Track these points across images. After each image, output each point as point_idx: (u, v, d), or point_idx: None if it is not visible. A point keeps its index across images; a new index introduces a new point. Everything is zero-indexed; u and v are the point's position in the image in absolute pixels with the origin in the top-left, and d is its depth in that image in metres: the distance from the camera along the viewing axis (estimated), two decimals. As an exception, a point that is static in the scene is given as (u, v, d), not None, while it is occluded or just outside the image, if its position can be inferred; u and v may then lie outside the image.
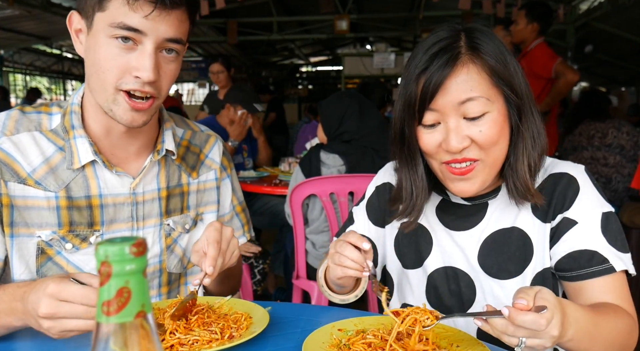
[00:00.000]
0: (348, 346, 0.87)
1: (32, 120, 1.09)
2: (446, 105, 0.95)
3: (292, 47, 12.36)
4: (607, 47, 8.01)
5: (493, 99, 0.96)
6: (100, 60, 0.99)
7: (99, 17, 0.98)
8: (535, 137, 1.01)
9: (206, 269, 0.97)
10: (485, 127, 0.95)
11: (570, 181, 1.02)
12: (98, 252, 0.37)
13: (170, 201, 1.20)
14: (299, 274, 2.49)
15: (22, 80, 12.55)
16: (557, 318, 0.74)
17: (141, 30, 0.97)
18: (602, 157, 3.56)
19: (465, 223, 1.08)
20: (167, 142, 1.18)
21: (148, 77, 0.98)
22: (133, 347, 0.38)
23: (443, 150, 0.98)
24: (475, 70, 0.96)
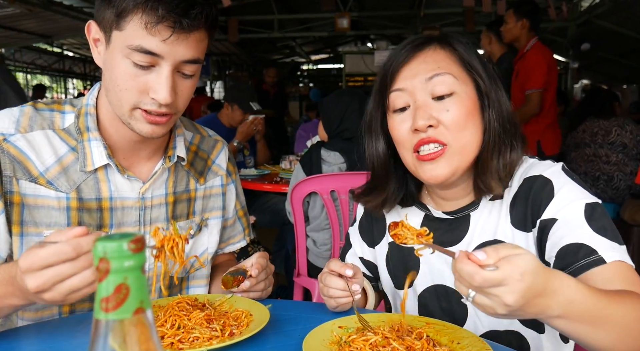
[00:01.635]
0: (348, 343, 0.87)
1: (46, 118, 1.08)
2: (413, 84, 0.97)
3: (293, 45, 12.34)
4: (609, 44, 7.98)
5: (462, 80, 0.97)
6: (117, 79, 0.99)
7: (117, 35, 0.97)
8: (508, 124, 0.99)
9: (252, 271, 1.08)
10: (453, 107, 0.95)
11: (543, 183, 0.96)
12: (96, 248, 0.37)
13: (176, 206, 1.20)
14: (300, 272, 2.49)
15: (24, 78, 12.56)
16: (514, 286, 0.67)
17: (159, 54, 0.96)
18: (605, 155, 3.56)
19: (450, 238, 1.06)
20: (179, 148, 1.18)
21: (165, 100, 0.98)
22: (132, 344, 0.38)
23: (412, 134, 0.97)
24: (444, 53, 0.99)
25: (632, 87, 10.99)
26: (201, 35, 1.00)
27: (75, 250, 0.76)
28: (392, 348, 0.83)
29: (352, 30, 8.26)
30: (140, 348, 0.39)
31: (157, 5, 0.93)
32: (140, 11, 0.94)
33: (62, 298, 0.79)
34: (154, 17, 0.94)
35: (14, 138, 1.04)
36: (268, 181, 3.18)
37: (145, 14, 0.94)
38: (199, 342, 0.88)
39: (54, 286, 0.78)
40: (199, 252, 1.26)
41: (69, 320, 1.04)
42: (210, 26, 1.02)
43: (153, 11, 0.94)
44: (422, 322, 0.96)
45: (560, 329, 0.77)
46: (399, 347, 0.82)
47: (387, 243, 1.15)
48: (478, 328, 1.03)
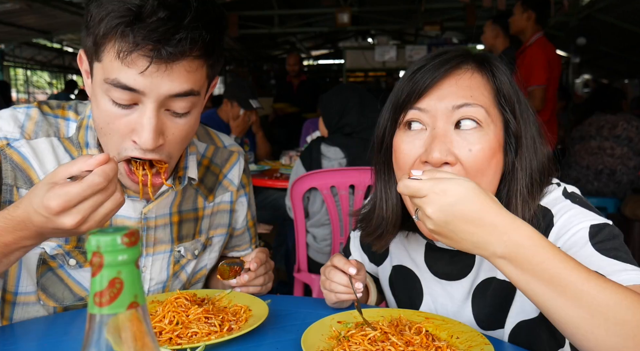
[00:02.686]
0: (347, 338, 0.87)
1: (52, 124, 1.03)
2: (437, 108, 0.83)
3: (293, 40, 12.30)
4: (611, 39, 7.95)
5: (492, 118, 0.84)
6: (99, 120, 0.90)
7: (97, 68, 0.87)
8: (535, 182, 0.87)
9: (251, 265, 1.05)
10: (476, 147, 0.82)
11: (542, 213, 0.87)
12: (90, 242, 0.37)
13: (182, 226, 1.13)
14: (300, 267, 2.49)
15: (23, 74, 12.54)
16: (432, 198, 0.69)
17: (137, 90, 0.83)
18: (609, 147, 3.55)
19: (454, 272, 0.98)
20: (191, 168, 1.08)
21: (146, 144, 0.86)
22: (126, 338, 0.38)
23: (419, 164, 0.84)
24: (481, 80, 0.85)
25: (634, 81, 10.96)
26: (192, 64, 0.85)
27: (106, 180, 0.75)
28: (391, 343, 0.82)
29: (352, 25, 8.22)
30: (135, 342, 0.38)
31: (129, 30, 0.79)
32: (112, 37, 0.81)
33: (98, 225, 0.78)
34: (126, 44, 0.80)
35: (18, 143, 0.99)
36: (268, 177, 3.17)
37: (117, 41, 0.81)
38: (198, 337, 0.88)
39: (90, 216, 0.77)
40: (197, 268, 1.21)
41: (63, 317, 1.04)
42: (206, 52, 0.86)
43: (125, 37, 0.80)
44: (421, 317, 0.95)
45: (510, 276, 0.70)
46: (398, 342, 0.82)
47: (391, 265, 1.10)
48: None
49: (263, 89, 10.82)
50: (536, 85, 3.40)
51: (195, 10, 0.82)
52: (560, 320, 0.69)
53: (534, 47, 3.49)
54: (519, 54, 3.64)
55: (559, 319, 0.69)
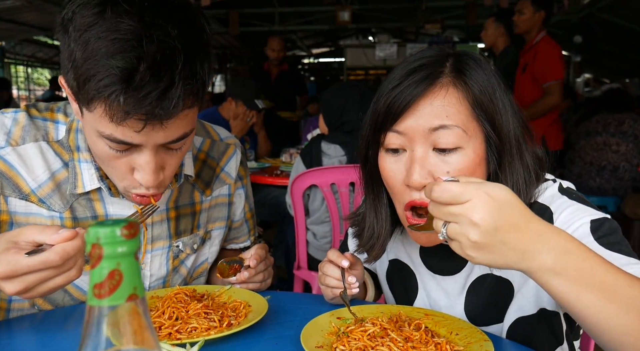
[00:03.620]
0: (347, 334, 0.87)
1: (40, 128, 1.00)
2: (415, 130, 0.83)
3: (294, 38, 12.28)
4: (612, 38, 7.94)
5: (470, 134, 0.83)
6: (98, 155, 0.90)
7: (87, 114, 0.84)
8: (521, 187, 0.86)
9: (250, 261, 1.04)
10: (454, 168, 0.82)
11: (540, 210, 0.87)
12: (89, 233, 0.37)
13: (180, 221, 1.13)
14: (300, 265, 2.49)
15: (24, 71, 12.53)
16: (480, 201, 0.62)
17: (134, 143, 0.84)
18: (615, 143, 3.55)
19: (449, 267, 0.99)
20: (187, 165, 1.08)
21: (147, 184, 0.88)
22: (125, 330, 0.38)
23: (404, 187, 0.85)
24: (456, 96, 0.83)
25: (635, 80, 10.94)
26: (185, 112, 0.84)
27: (63, 258, 0.74)
28: (391, 338, 0.82)
29: (353, 23, 8.21)
30: (134, 334, 0.38)
31: (120, 98, 0.76)
32: (102, 102, 0.78)
33: (42, 295, 0.78)
34: (118, 111, 0.78)
35: (4, 151, 0.96)
36: (268, 174, 3.17)
37: (108, 107, 0.78)
38: (197, 332, 0.88)
39: (35, 287, 0.76)
40: (198, 263, 1.21)
41: (61, 311, 1.04)
42: (197, 97, 0.85)
43: (116, 105, 0.77)
44: (420, 313, 0.95)
45: (560, 291, 0.64)
46: (397, 338, 0.82)
47: (388, 260, 1.10)
48: None
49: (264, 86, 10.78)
50: (554, 80, 3.37)
51: (184, 56, 0.79)
52: (612, 330, 0.64)
53: (543, 44, 3.47)
54: (524, 53, 3.63)
55: (610, 329, 0.64)
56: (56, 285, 0.77)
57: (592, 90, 11.36)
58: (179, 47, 0.78)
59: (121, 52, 0.76)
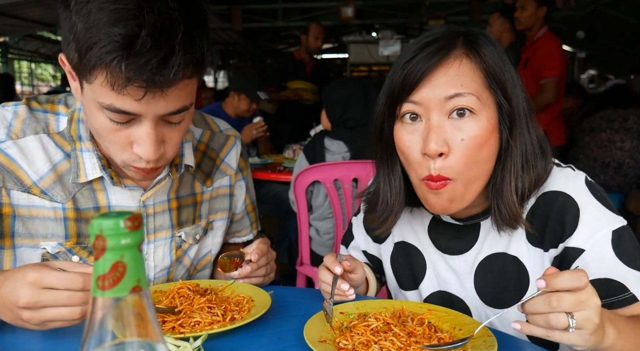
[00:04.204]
0: (350, 329, 0.87)
1: (40, 121, 1.01)
2: (431, 99, 0.85)
3: (297, 34, 12.27)
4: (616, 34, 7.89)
5: (484, 102, 0.86)
6: (97, 131, 0.90)
7: (87, 86, 0.85)
8: (530, 157, 0.90)
9: (252, 256, 1.04)
10: (469, 135, 0.85)
11: (566, 202, 0.89)
12: (92, 225, 0.37)
13: (181, 212, 1.14)
14: (303, 261, 2.49)
15: (28, 67, 12.55)
16: (592, 292, 0.69)
17: (134, 113, 0.84)
18: (619, 140, 3.53)
19: (458, 246, 1.01)
20: (187, 155, 1.09)
21: (148, 157, 0.89)
22: (129, 322, 0.38)
23: (421, 156, 0.87)
24: (469, 66, 0.86)
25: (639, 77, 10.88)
26: (185, 82, 0.86)
27: (84, 285, 0.77)
28: (394, 333, 0.82)
29: (356, 19, 8.18)
30: (138, 326, 0.38)
31: (121, 65, 0.77)
32: (104, 70, 0.79)
33: (38, 322, 0.79)
34: (120, 78, 0.79)
35: (5, 145, 0.97)
36: (271, 170, 3.17)
37: (109, 74, 0.79)
38: (200, 327, 0.88)
39: (42, 309, 0.78)
40: (202, 254, 1.22)
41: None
42: (197, 69, 0.86)
43: (118, 71, 0.78)
44: (424, 309, 0.95)
45: None
46: (400, 333, 0.82)
47: (393, 242, 1.12)
48: None
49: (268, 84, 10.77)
50: (551, 78, 3.36)
51: (184, 27, 0.81)
52: None
53: (544, 40, 3.45)
54: (525, 49, 3.61)
55: None
56: (58, 315, 0.79)
57: (597, 87, 11.30)
58: (179, 18, 0.80)
59: (122, 21, 0.77)
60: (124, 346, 0.39)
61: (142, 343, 0.40)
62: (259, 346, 0.86)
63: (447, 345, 0.79)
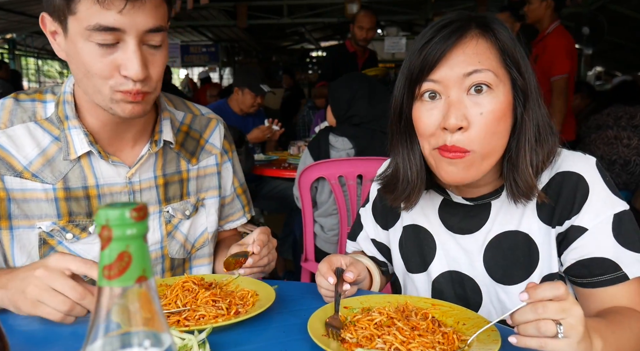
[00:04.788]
0: (353, 323, 0.87)
1: (27, 109, 1.08)
2: (450, 77, 0.89)
3: (302, 31, 12.24)
4: (624, 30, 7.83)
5: (501, 78, 0.90)
6: (85, 64, 0.96)
7: (72, 21, 0.94)
8: (542, 132, 0.93)
9: (254, 248, 1.05)
10: (487, 109, 0.88)
11: (578, 182, 0.93)
12: (98, 215, 0.37)
13: (168, 188, 1.20)
14: (308, 257, 2.50)
15: (35, 63, 12.61)
16: (574, 302, 0.72)
17: (119, 28, 0.92)
18: (626, 137, 3.51)
19: (468, 226, 1.04)
20: (165, 132, 1.16)
21: (137, 75, 0.95)
22: (134, 311, 0.38)
23: (439, 131, 0.91)
24: (485, 45, 0.90)
25: (647, 74, 10.79)
26: (157, 0, 0.96)
27: (80, 299, 0.84)
28: (397, 328, 0.83)
29: (362, 16, 8.16)
30: (143, 314, 0.39)
31: None
32: None
33: (27, 311, 0.86)
34: None
35: None
36: (276, 167, 3.18)
37: None
38: (205, 320, 0.89)
39: (41, 294, 0.84)
40: (198, 232, 1.26)
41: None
42: None
43: None
44: (427, 304, 0.96)
45: None
46: (404, 327, 0.83)
47: (402, 226, 1.14)
48: (492, 317, 1.02)
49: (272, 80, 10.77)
50: (559, 75, 3.32)
51: None
52: None
53: (553, 36, 3.41)
54: (535, 43, 3.58)
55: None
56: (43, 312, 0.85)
57: (604, 84, 11.22)
58: None
59: None
60: (129, 336, 0.40)
61: (148, 333, 0.40)
62: (263, 340, 0.86)
63: None
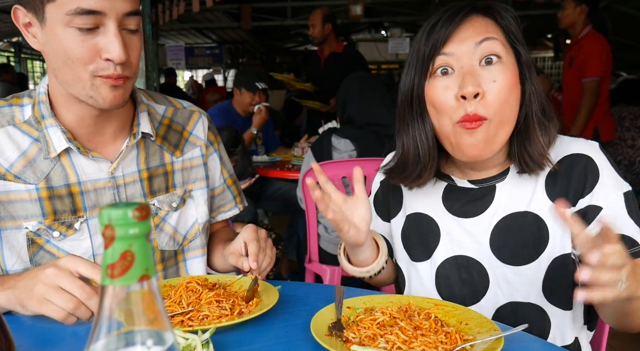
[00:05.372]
0: (356, 323, 0.88)
1: (5, 114, 1.10)
2: (461, 49, 0.94)
3: (306, 33, 12.27)
4: (629, 30, 7.80)
5: (507, 51, 0.96)
6: (66, 51, 0.97)
7: (51, 8, 0.95)
8: (545, 107, 1.00)
9: (250, 264, 1.02)
10: (499, 77, 0.93)
11: (588, 163, 0.98)
12: (102, 215, 0.38)
13: (153, 181, 1.20)
14: (311, 258, 2.50)
15: (40, 66, 12.69)
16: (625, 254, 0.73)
17: (99, 11, 0.94)
18: (630, 138, 3.49)
19: (473, 209, 1.05)
20: (143, 124, 1.17)
21: (119, 57, 0.96)
22: (137, 309, 0.39)
23: (456, 102, 0.94)
24: (490, 21, 0.97)
25: (652, 74, 10.72)
26: None
27: (86, 299, 0.87)
28: (400, 327, 0.83)
29: (365, 17, 8.16)
30: (146, 312, 0.39)
31: None
32: None
33: (38, 301, 0.88)
34: None
35: None
36: (280, 168, 3.19)
37: None
38: (209, 320, 0.89)
39: (49, 291, 0.86)
40: (189, 224, 1.26)
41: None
42: None
43: None
44: (430, 304, 0.96)
45: None
46: (406, 327, 0.83)
47: (405, 216, 1.15)
48: (499, 299, 1.03)
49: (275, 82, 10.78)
50: (591, 78, 3.32)
51: None
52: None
53: (588, 39, 3.41)
54: (570, 48, 3.57)
55: None
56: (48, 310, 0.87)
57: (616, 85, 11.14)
58: None
59: None
60: (132, 334, 0.40)
61: (150, 331, 0.41)
62: (266, 340, 0.87)
63: None
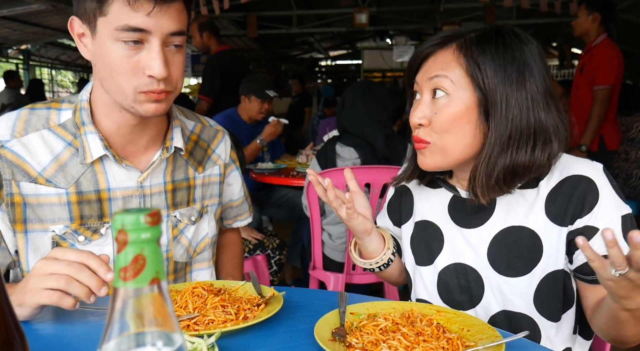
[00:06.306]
0: (359, 328, 0.89)
1: (41, 117, 1.13)
2: (421, 78, 1.05)
3: (311, 40, 12.34)
4: (633, 38, 7.80)
5: (459, 85, 0.99)
6: (111, 64, 1.02)
7: (102, 22, 1.00)
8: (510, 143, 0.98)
9: None
10: (442, 111, 1.01)
11: (589, 185, 0.99)
12: (115, 220, 0.40)
13: (176, 194, 1.24)
14: (316, 265, 2.51)
15: (48, 73, 12.82)
16: None
17: (146, 29, 0.99)
18: (624, 151, 3.47)
19: (475, 220, 1.10)
20: (176, 139, 1.21)
21: (160, 74, 1.01)
22: (148, 310, 0.41)
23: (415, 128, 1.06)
24: (457, 55, 1.00)
25: (658, 83, 10.69)
26: (180, 6, 1.04)
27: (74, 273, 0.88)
28: (402, 333, 0.84)
29: (370, 25, 8.22)
30: (156, 315, 0.41)
31: None
32: None
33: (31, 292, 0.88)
34: None
35: (10, 143, 1.09)
36: (285, 175, 3.20)
37: None
38: (214, 325, 0.91)
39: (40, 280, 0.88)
40: (200, 237, 1.31)
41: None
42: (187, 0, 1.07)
43: None
44: (432, 310, 0.97)
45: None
46: (409, 333, 0.84)
47: (414, 222, 1.21)
48: (493, 307, 1.06)
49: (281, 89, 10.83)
50: (602, 86, 3.32)
51: None
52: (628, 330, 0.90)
53: (600, 47, 3.42)
54: (582, 55, 3.58)
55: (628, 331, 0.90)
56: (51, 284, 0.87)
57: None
58: None
59: None
60: (143, 335, 0.42)
61: (160, 333, 0.42)
62: (270, 344, 0.88)
63: None
